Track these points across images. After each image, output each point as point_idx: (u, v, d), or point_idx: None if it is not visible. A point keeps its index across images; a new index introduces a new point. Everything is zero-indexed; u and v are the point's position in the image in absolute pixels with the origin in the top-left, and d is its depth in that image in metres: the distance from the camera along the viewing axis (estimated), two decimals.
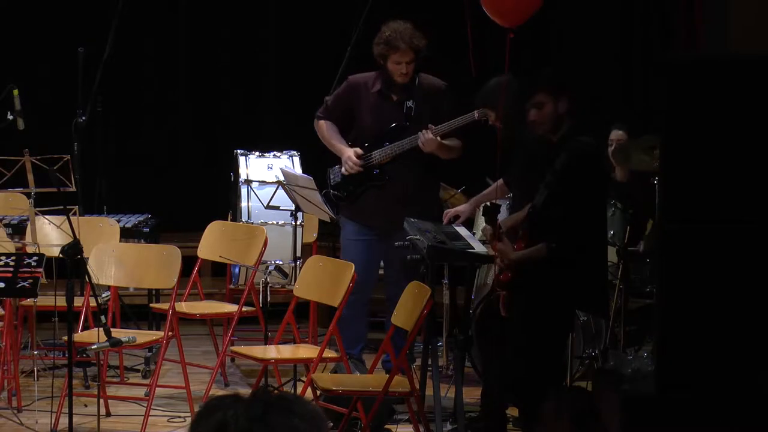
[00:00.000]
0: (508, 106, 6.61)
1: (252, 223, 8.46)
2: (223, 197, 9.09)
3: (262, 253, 7.71)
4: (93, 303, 6.87)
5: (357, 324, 7.57)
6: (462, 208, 7.39)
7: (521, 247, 5.97)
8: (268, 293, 7.27)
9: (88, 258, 7.02)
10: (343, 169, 7.65)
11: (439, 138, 7.43)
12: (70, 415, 6.29)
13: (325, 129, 7.77)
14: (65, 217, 6.51)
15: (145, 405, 6.99)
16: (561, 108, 5.98)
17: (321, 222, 8.36)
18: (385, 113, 7.60)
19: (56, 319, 7.30)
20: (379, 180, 7.61)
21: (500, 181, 7.31)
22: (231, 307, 7.94)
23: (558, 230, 5.84)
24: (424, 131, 7.42)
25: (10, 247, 7.28)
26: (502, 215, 6.93)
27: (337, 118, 7.73)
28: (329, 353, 6.92)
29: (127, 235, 8.06)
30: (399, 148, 7.53)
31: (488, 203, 6.71)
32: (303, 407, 2.14)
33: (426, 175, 7.66)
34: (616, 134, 8.16)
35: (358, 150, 7.61)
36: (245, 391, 7.67)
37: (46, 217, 7.50)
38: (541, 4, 7.25)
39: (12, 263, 6.51)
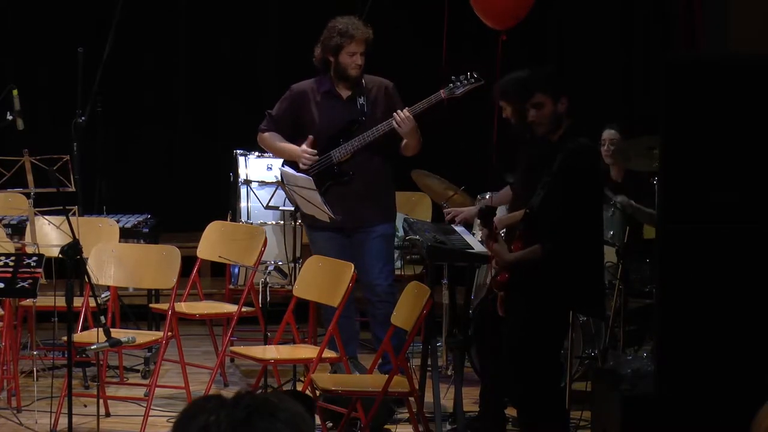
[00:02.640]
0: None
1: (251, 223, 8.45)
2: (222, 197, 9.08)
3: (261, 254, 7.71)
4: (92, 303, 6.87)
5: (348, 325, 7.56)
6: (472, 211, 7.37)
7: (518, 248, 5.97)
8: (268, 293, 7.26)
9: (87, 258, 7.02)
10: (301, 166, 7.59)
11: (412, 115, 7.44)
12: (70, 415, 6.28)
13: (268, 138, 7.71)
14: (65, 217, 6.50)
15: (145, 405, 6.99)
16: (561, 108, 5.97)
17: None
18: (337, 112, 7.58)
19: (56, 319, 7.30)
20: (341, 177, 7.58)
21: (508, 188, 7.30)
22: (230, 308, 7.94)
23: (554, 231, 5.83)
24: (398, 111, 7.41)
25: (9, 247, 7.28)
26: (501, 214, 6.93)
27: (283, 127, 7.67)
28: (329, 353, 6.92)
29: (126, 235, 8.06)
30: (361, 142, 7.50)
31: (484, 205, 6.71)
32: (287, 411, 2.11)
33: (383, 171, 7.64)
34: (608, 134, 8.17)
35: (310, 139, 7.57)
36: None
37: (46, 217, 7.49)
38: (531, 7, 7.25)
39: (11, 263, 6.51)
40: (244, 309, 7.69)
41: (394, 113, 7.42)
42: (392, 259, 7.74)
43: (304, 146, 7.57)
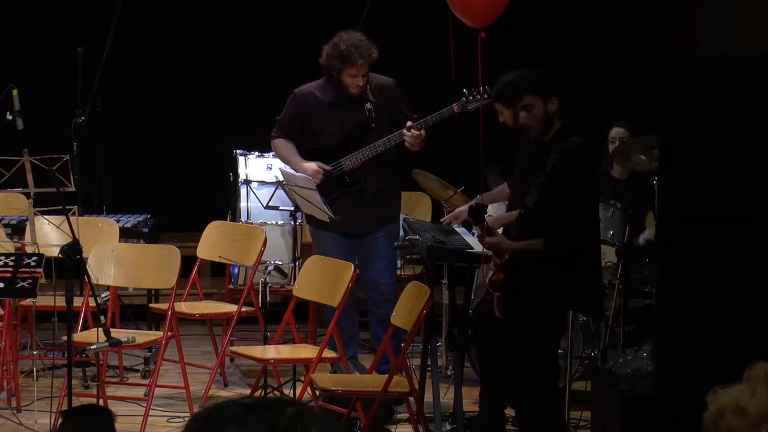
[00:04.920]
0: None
1: (251, 223, 8.45)
2: (222, 197, 9.08)
3: (261, 253, 7.71)
4: (92, 303, 6.87)
5: (349, 325, 7.57)
6: (463, 209, 7.38)
7: None
8: (268, 293, 7.26)
9: (87, 258, 7.01)
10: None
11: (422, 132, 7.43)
12: None
13: (281, 147, 7.71)
14: (65, 217, 6.50)
15: (145, 405, 6.99)
16: (551, 108, 5.97)
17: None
18: (344, 119, 7.55)
19: (56, 319, 7.30)
20: (353, 186, 7.58)
21: (504, 185, 7.30)
22: (230, 307, 7.94)
23: (549, 231, 5.83)
24: (406, 134, 7.39)
25: (9, 247, 7.28)
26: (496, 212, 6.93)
27: (293, 133, 7.67)
28: (328, 353, 6.92)
29: (126, 235, 8.06)
30: (372, 152, 7.49)
31: (474, 203, 6.71)
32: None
33: (392, 178, 7.65)
34: (617, 132, 8.16)
35: (324, 167, 7.55)
36: (244, 391, 7.68)
37: (46, 217, 7.49)
38: (508, 4, 7.22)
39: (11, 263, 6.50)
40: (244, 309, 7.69)
41: (404, 132, 7.39)
42: (395, 259, 7.75)
43: (315, 165, 7.54)
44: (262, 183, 8.54)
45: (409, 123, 7.41)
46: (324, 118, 7.57)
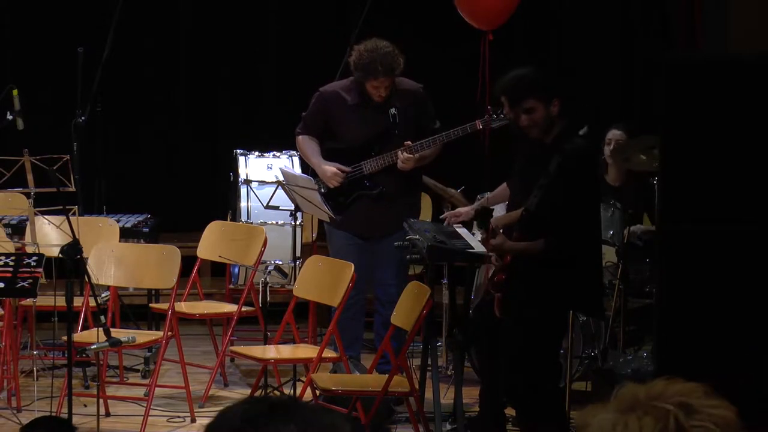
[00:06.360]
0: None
1: (251, 223, 8.46)
2: (222, 197, 9.08)
3: (261, 253, 7.71)
4: (92, 303, 6.87)
5: (354, 326, 7.57)
6: (463, 209, 7.38)
7: None
8: (268, 293, 7.27)
9: (87, 258, 7.02)
10: (331, 185, 7.60)
11: (416, 155, 7.41)
12: (70, 415, 6.28)
13: (304, 145, 7.71)
14: (65, 217, 6.51)
15: (145, 405, 6.99)
16: (553, 111, 5.96)
17: (320, 222, 8.35)
18: (367, 122, 7.53)
19: (56, 319, 7.30)
20: (372, 189, 7.58)
21: (504, 185, 7.30)
22: (230, 307, 7.94)
23: (551, 232, 5.83)
24: (402, 151, 7.38)
25: (9, 247, 7.28)
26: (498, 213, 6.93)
27: (316, 131, 7.67)
28: (329, 353, 6.92)
29: (126, 235, 8.06)
30: (393, 158, 7.49)
31: (480, 206, 6.71)
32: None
33: (410, 181, 7.65)
34: (614, 134, 8.16)
35: (344, 168, 7.55)
36: (244, 391, 7.68)
37: (46, 217, 7.49)
38: (515, 8, 7.23)
39: (12, 263, 6.51)
40: (244, 309, 7.70)
41: (398, 154, 7.40)
42: (406, 264, 7.73)
43: (334, 168, 7.54)
44: (262, 183, 8.55)
45: (407, 143, 7.39)
46: (347, 119, 7.55)
